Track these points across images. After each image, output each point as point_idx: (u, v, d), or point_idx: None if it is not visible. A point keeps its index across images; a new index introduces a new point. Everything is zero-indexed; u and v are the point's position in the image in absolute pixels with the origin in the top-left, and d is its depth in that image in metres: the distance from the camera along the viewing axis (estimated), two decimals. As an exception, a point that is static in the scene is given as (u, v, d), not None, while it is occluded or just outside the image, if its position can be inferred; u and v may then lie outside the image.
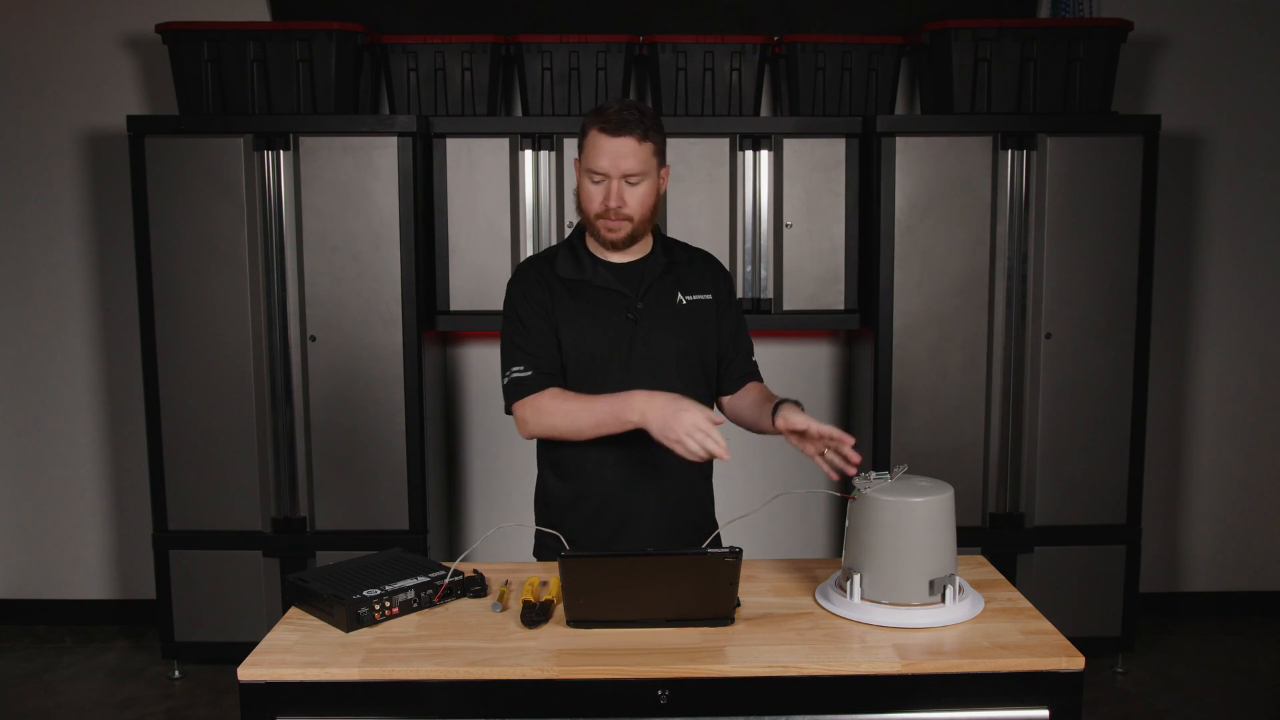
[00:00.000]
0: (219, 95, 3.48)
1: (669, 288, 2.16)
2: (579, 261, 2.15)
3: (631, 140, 2.04)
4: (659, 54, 3.53)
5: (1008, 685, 1.66)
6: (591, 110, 2.09)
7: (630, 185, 2.06)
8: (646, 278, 2.15)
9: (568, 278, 2.14)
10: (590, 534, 2.14)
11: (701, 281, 2.21)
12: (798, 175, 3.53)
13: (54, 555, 4.06)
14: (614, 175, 2.04)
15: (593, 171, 2.05)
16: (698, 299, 2.18)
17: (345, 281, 3.43)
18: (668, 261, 2.18)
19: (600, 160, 2.04)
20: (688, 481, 2.17)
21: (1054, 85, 3.49)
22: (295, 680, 1.65)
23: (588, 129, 2.06)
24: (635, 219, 2.08)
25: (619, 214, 2.06)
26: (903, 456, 3.45)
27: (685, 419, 1.89)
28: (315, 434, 3.48)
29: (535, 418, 2.08)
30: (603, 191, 2.06)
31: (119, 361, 3.94)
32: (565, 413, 2.05)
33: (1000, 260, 3.46)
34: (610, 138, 2.03)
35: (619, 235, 2.09)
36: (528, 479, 3.97)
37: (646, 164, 2.06)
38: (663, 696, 1.63)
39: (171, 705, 3.44)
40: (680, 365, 2.14)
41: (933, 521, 1.80)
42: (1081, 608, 3.56)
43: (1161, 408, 3.98)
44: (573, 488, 2.16)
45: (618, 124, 2.03)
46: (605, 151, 2.03)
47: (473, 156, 3.51)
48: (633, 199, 2.06)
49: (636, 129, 2.04)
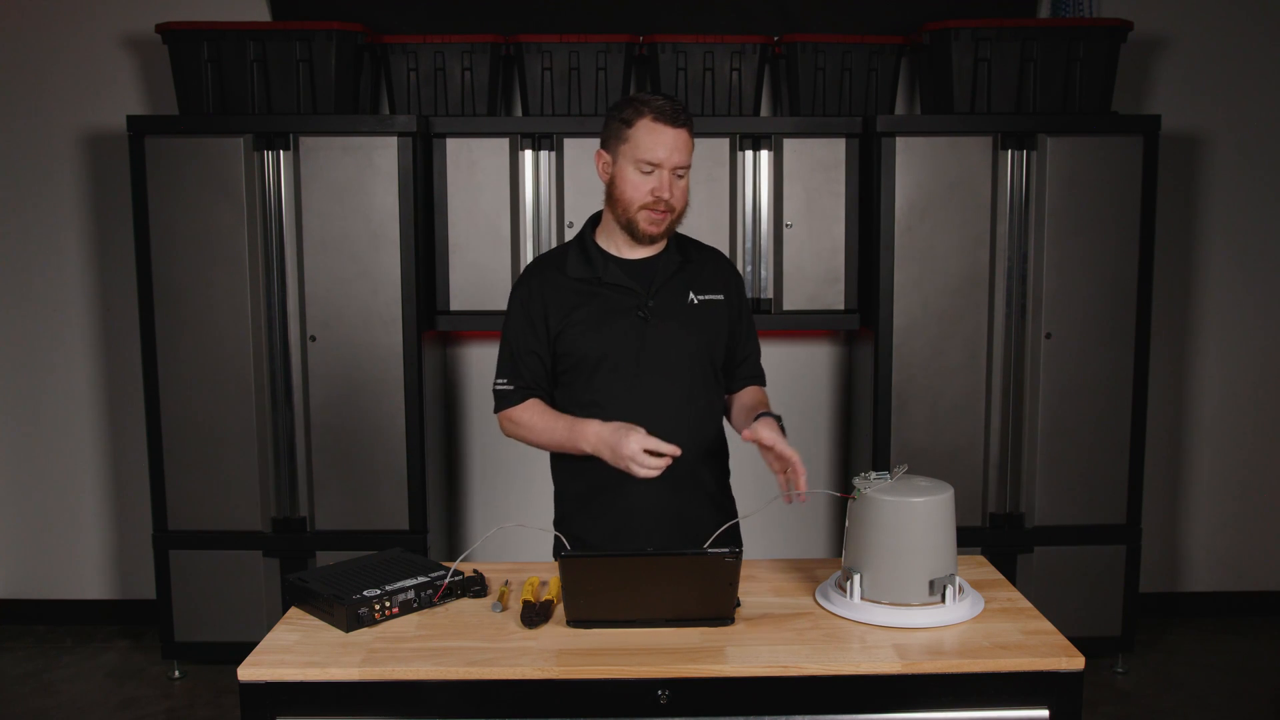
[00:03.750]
0: (219, 95, 3.48)
1: (681, 286, 2.15)
2: (589, 259, 2.14)
3: (686, 132, 2.05)
4: (659, 54, 3.53)
5: (1008, 685, 1.66)
6: (629, 103, 2.06)
7: (678, 178, 2.06)
8: (659, 275, 2.13)
9: (578, 277, 2.13)
10: (599, 530, 2.14)
11: (714, 281, 2.19)
12: (798, 175, 3.53)
13: (54, 555, 4.06)
14: (667, 166, 2.03)
15: (646, 161, 2.03)
16: (709, 299, 2.17)
17: (345, 281, 3.43)
18: (681, 259, 2.17)
19: (657, 150, 2.02)
20: (698, 481, 2.15)
21: (1054, 85, 3.49)
22: (295, 680, 1.65)
23: (635, 119, 2.04)
24: (677, 211, 2.09)
25: (666, 205, 2.05)
26: (903, 456, 3.45)
27: (627, 447, 1.95)
28: (315, 434, 3.48)
29: (511, 429, 2.18)
30: (653, 182, 2.04)
31: (119, 361, 3.94)
32: (532, 429, 2.14)
33: (1000, 260, 3.46)
34: (670, 128, 2.02)
35: (660, 228, 2.08)
36: (528, 479, 3.99)
37: (691, 158, 2.08)
38: (663, 696, 1.63)
39: (171, 705, 3.44)
40: (691, 364, 2.13)
41: (933, 521, 1.80)
42: (1081, 608, 3.56)
43: (1161, 408, 3.98)
44: (583, 483, 2.16)
45: (674, 115, 2.03)
46: (664, 142, 2.02)
47: (473, 156, 3.51)
48: (678, 192, 2.07)
49: (689, 123, 2.06)
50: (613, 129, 2.08)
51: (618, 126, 2.07)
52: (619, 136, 2.06)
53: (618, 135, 2.07)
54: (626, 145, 2.05)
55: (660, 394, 2.09)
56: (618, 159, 2.07)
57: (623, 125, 2.06)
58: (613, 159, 2.08)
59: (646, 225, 2.07)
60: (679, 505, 2.12)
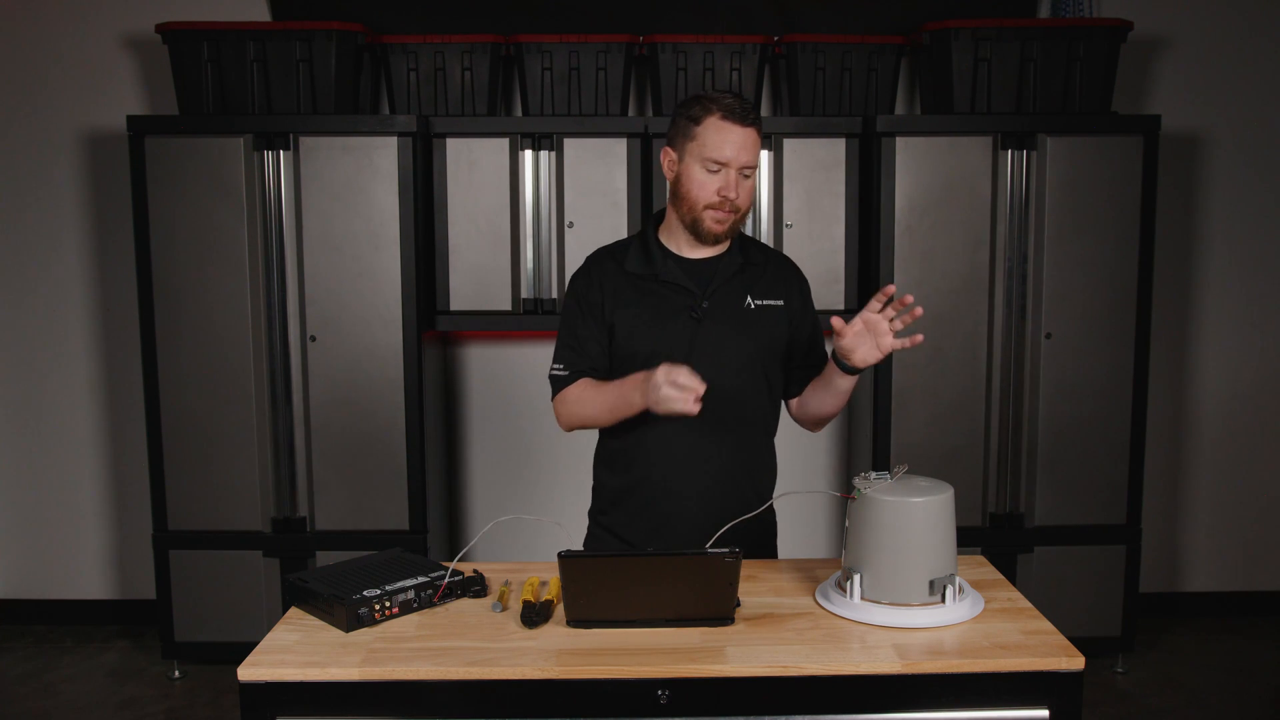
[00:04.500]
0: (219, 95, 3.48)
1: (739, 289, 2.11)
2: (649, 255, 2.12)
3: (754, 131, 2.02)
4: (659, 54, 3.53)
5: (1008, 685, 1.66)
6: (697, 101, 2.03)
7: (744, 178, 2.04)
8: (718, 276, 2.10)
9: (634, 272, 2.11)
10: (633, 530, 2.13)
11: (774, 286, 2.15)
12: (798, 175, 3.53)
13: (54, 555, 4.06)
14: (735, 165, 2.01)
15: (713, 160, 2.00)
16: (768, 304, 2.13)
17: (345, 281, 3.43)
18: (743, 261, 2.14)
19: (726, 149, 2.00)
20: (736, 488, 2.11)
21: (1054, 85, 3.49)
22: (295, 680, 1.65)
23: (703, 116, 2.01)
24: (742, 211, 2.06)
25: (732, 205, 2.03)
26: (903, 456, 3.45)
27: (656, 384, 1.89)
28: (315, 434, 3.48)
29: (564, 409, 2.12)
30: (720, 180, 2.01)
31: (119, 361, 3.94)
32: (583, 401, 2.08)
33: (1000, 260, 3.46)
34: (740, 126, 2.00)
35: (725, 228, 2.05)
36: (528, 479, 3.99)
37: (758, 158, 2.06)
38: (663, 696, 1.63)
39: (171, 705, 3.44)
40: (742, 369, 2.09)
41: (933, 521, 1.80)
42: (1081, 608, 3.56)
43: (1161, 408, 3.98)
44: (621, 480, 2.15)
45: (743, 114, 2.01)
46: (732, 140, 2.00)
47: (473, 156, 3.51)
48: (745, 191, 2.05)
49: (758, 122, 2.03)
50: (680, 126, 2.05)
51: (685, 124, 2.04)
52: (686, 134, 2.03)
53: (685, 133, 2.04)
54: (694, 143, 2.02)
55: (710, 394, 1.98)
56: (684, 157, 2.04)
57: (690, 123, 2.03)
58: (679, 157, 2.05)
59: (712, 224, 2.05)
60: (719, 510, 2.05)
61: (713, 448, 2.09)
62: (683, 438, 2.07)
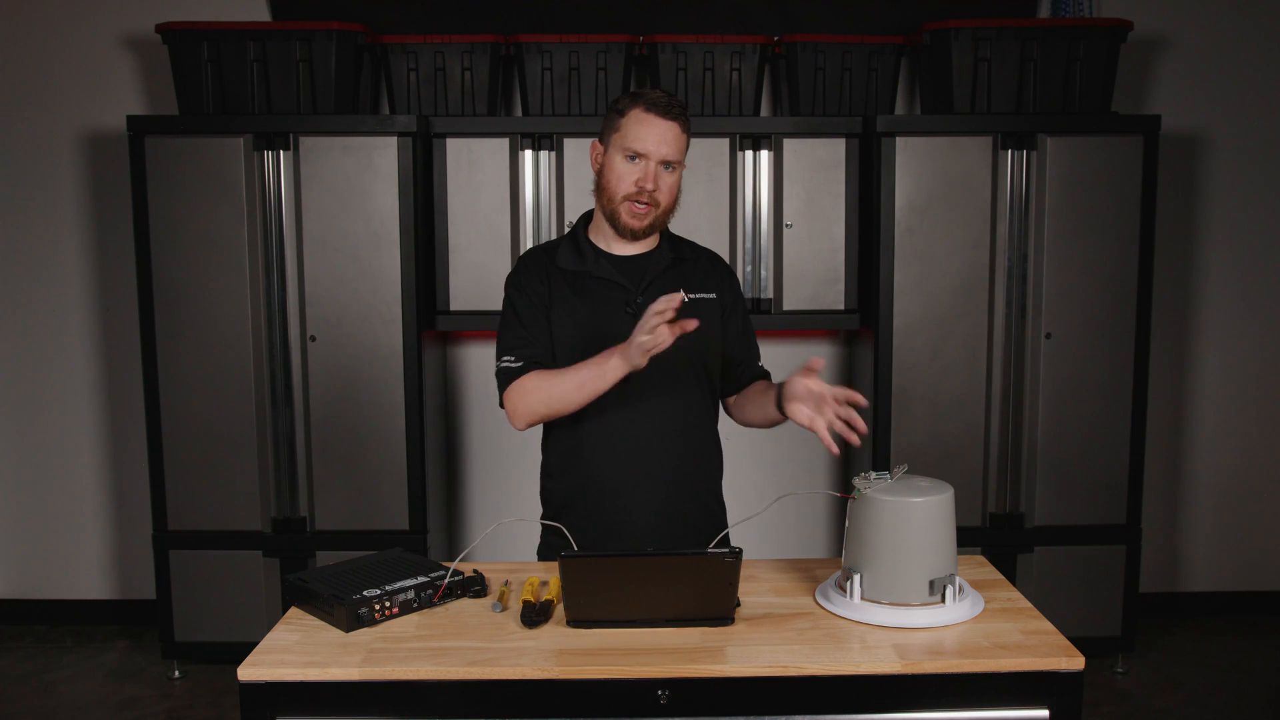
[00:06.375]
0: (219, 95, 3.48)
1: (672, 284, 2.12)
2: (580, 252, 2.13)
3: (678, 126, 2.04)
4: (659, 54, 3.53)
5: (1008, 685, 1.66)
6: (627, 95, 2.07)
7: (665, 171, 2.05)
8: (650, 272, 2.12)
9: (567, 269, 2.12)
10: (586, 533, 2.11)
11: (706, 280, 2.18)
12: (798, 175, 3.53)
13: (54, 555, 4.06)
14: (654, 158, 2.02)
15: (632, 150, 2.02)
16: (701, 298, 2.14)
17: (345, 281, 3.43)
18: (673, 257, 2.16)
19: (645, 141, 2.01)
20: (685, 483, 2.14)
21: (1054, 85, 3.49)
22: (295, 680, 1.65)
23: (628, 109, 2.03)
24: (662, 206, 2.07)
25: (650, 198, 2.04)
26: (903, 456, 3.45)
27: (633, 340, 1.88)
28: (315, 434, 3.48)
29: (521, 399, 2.05)
30: (638, 171, 2.03)
31: (119, 361, 3.94)
32: (549, 383, 2.02)
33: (1000, 260, 3.46)
34: (660, 119, 2.01)
35: (643, 222, 2.06)
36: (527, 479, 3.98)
37: (682, 154, 2.06)
38: (663, 696, 1.63)
39: (171, 705, 3.44)
40: (680, 362, 2.10)
41: (933, 521, 1.80)
42: (1081, 608, 3.56)
43: (1161, 408, 3.98)
44: (568, 483, 2.15)
45: (666, 107, 2.02)
46: (652, 132, 2.01)
47: (473, 156, 3.51)
48: (664, 185, 2.05)
49: (682, 117, 2.04)
50: (608, 119, 2.08)
51: (612, 117, 2.07)
52: (611, 126, 2.06)
53: (610, 125, 2.07)
54: (617, 134, 2.05)
55: (649, 390, 2.07)
56: (608, 149, 2.07)
57: (616, 115, 2.06)
58: (605, 150, 2.08)
59: (628, 218, 2.06)
60: (669, 506, 2.10)
61: (657, 442, 2.09)
62: (627, 435, 2.07)
